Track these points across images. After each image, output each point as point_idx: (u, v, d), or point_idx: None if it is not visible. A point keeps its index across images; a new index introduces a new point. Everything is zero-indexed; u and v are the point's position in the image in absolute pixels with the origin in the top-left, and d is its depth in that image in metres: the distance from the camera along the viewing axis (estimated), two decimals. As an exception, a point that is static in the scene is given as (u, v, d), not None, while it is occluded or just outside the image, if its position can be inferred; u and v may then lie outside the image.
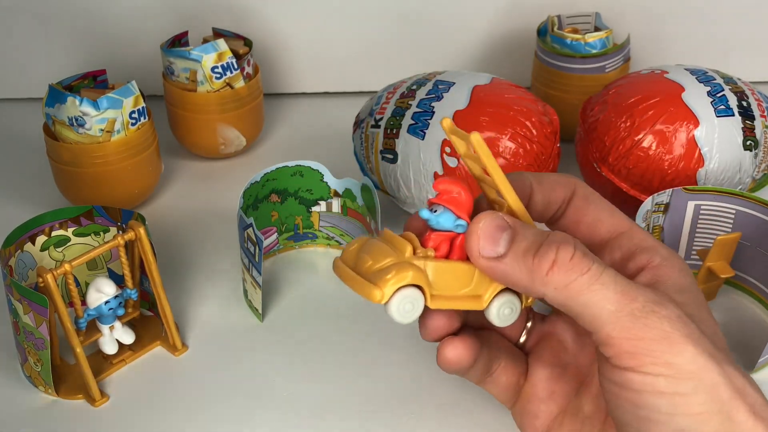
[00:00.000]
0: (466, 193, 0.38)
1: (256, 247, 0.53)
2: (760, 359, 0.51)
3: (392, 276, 0.36)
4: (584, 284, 0.36)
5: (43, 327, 0.49)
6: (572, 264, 0.36)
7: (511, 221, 0.38)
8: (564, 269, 0.36)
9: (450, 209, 0.38)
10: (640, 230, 0.41)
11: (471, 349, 0.41)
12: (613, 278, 0.36)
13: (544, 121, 0.61)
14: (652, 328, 0.35)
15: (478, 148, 0.37)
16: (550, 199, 0.42)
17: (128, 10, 0.80)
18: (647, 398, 0.35)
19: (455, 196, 0.38)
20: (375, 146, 0.63)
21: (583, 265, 0.36)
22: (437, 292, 0.38)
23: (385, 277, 0.36)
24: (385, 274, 0.36)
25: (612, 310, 0.35)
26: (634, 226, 0.41)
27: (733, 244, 0.54)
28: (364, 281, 0.37)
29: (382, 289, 0.36)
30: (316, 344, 0.56)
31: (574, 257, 0.36)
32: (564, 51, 0.71)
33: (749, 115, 0.60)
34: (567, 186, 0.42)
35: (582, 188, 0.43)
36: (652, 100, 0.60)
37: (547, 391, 0.43)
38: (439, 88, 0.62)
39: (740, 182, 0.61)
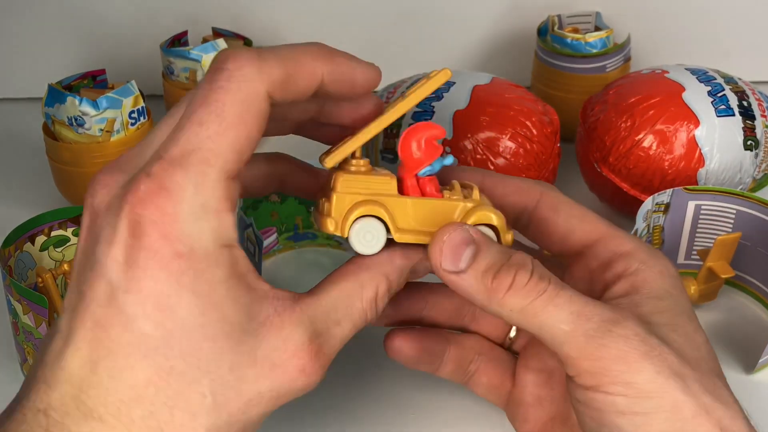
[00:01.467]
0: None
1: (256, 247, 0.53)
2: (761, 359, 0.51)
3: (350, 211, 0.38)
4: (539, 306, 0.35)
5: (42, 327, 0.49)
6: (528, 287, 0.36)
7: (477, 235, 0.37)
8: (519, 293, 0.36)
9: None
10: (617, 234, 0.40)
11: (414, 342, 0.43)
12: (569, 299, 0.36)
13: (544, 121, 0.61)
14: (608, 348, 0.34)
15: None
16: (502, 205, 0.41)
17: (128, 10, 0.80)
18: (609, 417, 0.34)
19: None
20: (375, 146, 0.63)
21: (539, 287, 0.36)
22: (401, 229, 0.38)
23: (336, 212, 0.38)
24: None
25: (567, 330, 0.35)
26: (611, 231, 0.40)
27: (734, 244, 0.54)
28: (323, 216, 0.38)
29: (336, 220, 0.38)
30: (316, 344, 0.55)
31: (530, 281, 0.36)
32: (564, 51, 0.71)
33: (750, 115, 0.60)
34: (527, 194, 0.41)
35: (549, 197, 0.41)
36: (653, 99, 0.60)
37: (533, 396, 0.43)
38: (439, 87, 0.62)
39: (741, 182, 0.60)
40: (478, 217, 0.38)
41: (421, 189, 0.39)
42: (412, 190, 0.39)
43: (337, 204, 0.38)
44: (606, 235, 0.40)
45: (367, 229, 0.38)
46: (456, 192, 0.39)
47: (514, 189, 0.42)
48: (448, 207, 0.38)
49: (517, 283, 0.36)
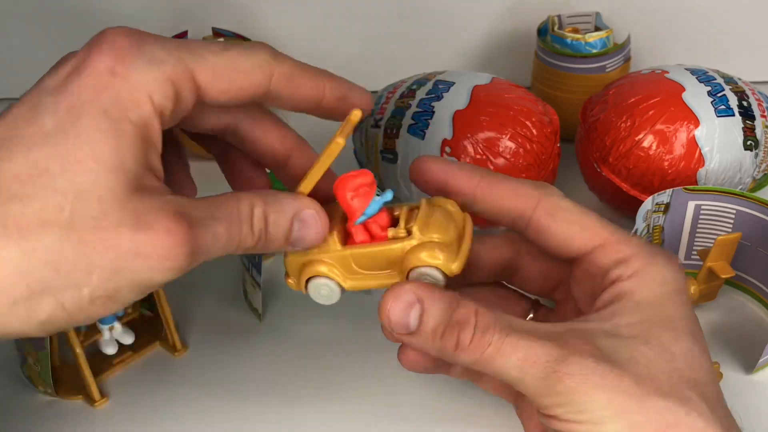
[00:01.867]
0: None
1: (256, 247, 0.53)
2: (761, 359, 0.51)
3: (302, 272, 0.42)
4: (488, 358, 0.37)
5: (42, 327, 0.49)
6: (473, 345, 0.37)
7: (420, 292, 0.38)
8: (467, 351, 0.37)
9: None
10: (618, 240, 0.40)
11: (424, 357, 0.43)
12: (514, 346, 0.36)
13: (544, 121, 0.61)
14: (556, 387, 0.35)
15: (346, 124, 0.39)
16: (499, 204, 0.41)
17: (128, 10, 0.80)
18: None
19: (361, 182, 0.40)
20: (375, 146, 0.63)
21: (484, 342, 0.37)
22: (353, 279, 0.41)
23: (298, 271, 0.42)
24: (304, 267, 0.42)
25: (517, 376, 0.36)
26: (612, 236, 0.40)
27: (734, 244, 0.54)
28: (288, 273, 0.43)
29: (297, 281, 0.42)
30: (316, 344, 0.56)
31: (474, 338, 0.37)
32: (564, 51, 0.71)
33: (750, 115, 0.60)
34: (525, 199, 0.41)
35: (548, 202, 0.40)
36: (653, 99, 0.60)
37: None
38: (439, 88, 0.62)
39: (740, 182, 0.60)
40: (417, 260, 0.40)
41: (369, 233, 0.41)
42: (356, 238, 0.41)
43: (290, 267, 0.42)
44: (606, 242, 0.40)
45: (321, 286, 0.42)
46: (401, 228, 0.40)
47: (511, 193, 0.41)
48: (388, 252, 0.40)
49: (462, 342, 0.37)
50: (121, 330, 0.54)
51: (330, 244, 0.41)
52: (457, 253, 0.40)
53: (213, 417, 0.51)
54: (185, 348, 0.55)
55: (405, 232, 0.40)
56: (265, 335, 0.56)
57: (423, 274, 0.40)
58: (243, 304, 0.59)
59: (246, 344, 0.56)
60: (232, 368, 0.54)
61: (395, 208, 0.42)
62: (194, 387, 0.53)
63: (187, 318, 0.58)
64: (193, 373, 0.54)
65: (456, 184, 0.42)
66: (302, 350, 0.55)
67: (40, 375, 0.51)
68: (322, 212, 0.39)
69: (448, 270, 0.40)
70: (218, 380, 0.53)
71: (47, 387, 0.51)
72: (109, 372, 0.54)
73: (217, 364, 0.54)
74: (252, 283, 0.56)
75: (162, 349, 0.56)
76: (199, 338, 0.56)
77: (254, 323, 0.57)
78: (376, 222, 0.41)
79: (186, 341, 0.56)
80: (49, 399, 0.52)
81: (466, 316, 0.37)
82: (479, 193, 0.41)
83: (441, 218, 0.41)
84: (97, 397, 0.52)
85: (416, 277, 0.40)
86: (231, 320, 0.58)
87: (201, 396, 0.52)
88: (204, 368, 0.54)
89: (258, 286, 0.55)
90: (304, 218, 0.39)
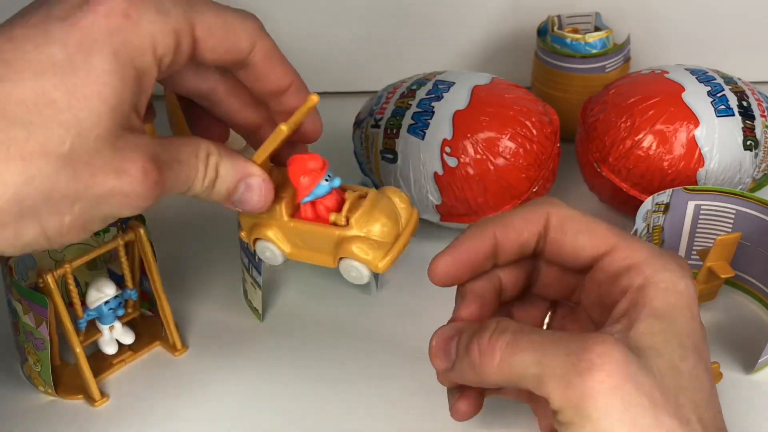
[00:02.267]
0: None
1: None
2: (760, 359, 0.51)
3: (252, 230, 0.46)
4: (507, 357, 0.36)
5: (42, 327, 0.49)
6: (490, 345, 0.37)
7: (458, 327, 0.40)
8: (487, 353, 0.37)
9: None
10: (625, 246, 0.39)
11: (476, 403, 0.44)
12: (531, 342, 0.36)
13: (544, 121, 0.61)
14: (574, 385, 0.34)
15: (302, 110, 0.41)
16: (520, 242, 0.41)
17: (128, 10, 0.80)
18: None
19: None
20: (375, 146, 0.63)
21: (501, 340, 0.37)
22: (293, 248, 0.46)
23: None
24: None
25: (536, 373, 0.35)
26: (619, 243, 0.39)
27: (734, 244, 0.54)
28: (241, 227, 0.47)
29: (247, 237, 0.47)
30: (316, 344, 0.56)
31: (491, 338, 0.37)
32: (564, 51, 0.71)
33: (749, 115, 0.60)
34: (536, 222, 0.41)
35: (556, 216, 0.41)
36: (653, 100, 0.60)
37: None
38: (439, 88, 0.62)
39: (740, 182, 0.60)
40: (348, 252, 0.43)
41: (315, 212, 0.44)
42: (302, 214, 0.44)
43: (243, 222, 0.47)
44: (615, 247, 0.39)
45: (265, 248, 0.46)
46: (341, 215, 0.43)
47: (521, 225, 0.41)
48: (325, 234, 0.44)
49: (481, 344, 0.38)
50: (121, 330, 0.54)
51: (277, 212, 0.44)
52: (388, 251, 0.43)
53: (213, 417, 0.51)
54: (185, 348, 0.55)
55: (344, 220, 0.43)
56: (265, 335, 0.56)
57: (350, 266, 0.44)
58: (243, 304, 0.59)
59: (246, 344, 0.56)
60: (232, 368, 0.54)
61: (347, 192, 0.44)
62: (194, 387, 0.53)
63: (187, 318, 0.58)
64: (193, 373, 0.54)
65: (474, 268, 0.42)
66: (302, 350, 0.55)
67: (41, 374, 0.51)
68: (268, 183, 0.42)
69: (375, 267, 0.43)
70: (218, 380, 0.53)
71: (47, 386, 0.51)
72: (109, 372, 0.54)
73: (217, 364, 0.54)
74: (252, 283, 0.56)
75: (162, 349, 0.56)
76: (199, 338, 0.56)
77: (254, 323, 0.57)
78: (323, 203, 0.44)
79: (186, 341, 0.56)
80: (49, 399, 0.52)
81: (486, 323, 0.38)
82: (501, 250, 0.42)
83: (384, 212, 0.44)
84: (97, 397, 0.52)
85: (345, 267, 0.44)
86: (231, 320, 0.58)
87: (201, 396, 0.52)
88: (204, 368, 0.54)
89: (258, 286, 0.55)
90: (249, 183, 0.42)
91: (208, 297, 0.60)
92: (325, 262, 0.45)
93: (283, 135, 0.41)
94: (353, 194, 0.44)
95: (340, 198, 0.44)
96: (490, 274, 0.43)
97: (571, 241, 0.40)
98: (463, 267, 0.42)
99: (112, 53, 0.34)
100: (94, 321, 0.53)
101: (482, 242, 0.41)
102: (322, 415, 0.51)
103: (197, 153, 0.39)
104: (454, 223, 0.62)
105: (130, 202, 0.35)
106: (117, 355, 0.54)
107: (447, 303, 0.58)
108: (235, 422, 0.50)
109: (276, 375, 0.53)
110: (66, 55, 0.33)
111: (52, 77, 0.33)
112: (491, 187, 0.59)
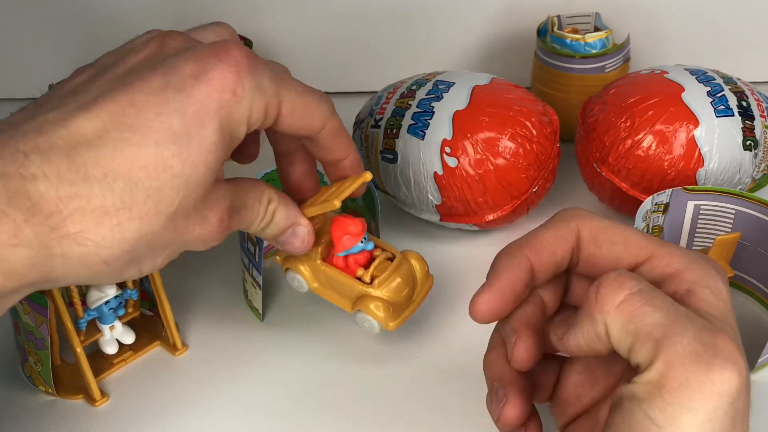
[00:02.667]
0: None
1: (256, 247, 0.53)
2: (760, 359, 0.51)
3: (286, 260, 0.53)
4: (636, 307, 0.34)
5: (43, 327, 0.49)
6: (618, 282, 0.35)
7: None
8: (616, 293, 0.35)
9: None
10: (663, 253, 0.38)
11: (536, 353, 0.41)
12: (662, 301, 0.34)
13: (544, 121, 0.61)
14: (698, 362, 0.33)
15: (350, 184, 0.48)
16: (555, 261, 0.40)
17: (128, 10, 0.80)
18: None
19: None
20: (375, 146, 0.63)
21: (631, 284, 0.35)
22: (319, 285, 0.52)
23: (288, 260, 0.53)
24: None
25: (656, 337, 0.33)
26: (657, 250, 0.38)
27: (733, 244, 0.54)
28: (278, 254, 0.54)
29: (282, 264, 0.54)
30: (316, 344, 0.56)
31: (627, 282, 0.35)
32: (564, 51, 0.71)
33: (749, 115, 0.60)
34: (568, 238, 0.40)
35: (587, 229, 0.40)
36: (652, 100, 0.60)
37: (574, 395, 0.42)
38: (439, 88, 0.62)
39: (740, 182, 0.61)
40: (365, 307, 0.50)
41: (345, 262, 0.51)
42: (334, 261, 0.51)
43: (279, 252, 0.54)
44: (652, 255, 0.38)
45: (294, 278, 0.53)
46: (368, 273, 0.50)
47: (553, 243, 0.40)
48: (350, 286, 0.51)
49: (617, 285, 0.35)
50: (121, 329, 0.54)
51: (313, 253, 0.51)
52: (401, 314, 0.50)
53: (213, 416, 0.51)
54: (185, 347, 0.55)
55: (369, 278, 0.50)
56: (265, 335, 0.57)
57: (365, 319, 0.51)
58: (243, 304, 0.59)
59: (246, 344, 0.56)
60: (232, 368, 0.54)
61: (378, 250, 0.51)
62: (194, 387, 0.53)
63: (188, 318, 0.58)
64: (194, 373, 0.54)
65: (516, 300, 0.41)
66: (302, 350, 0.55)
67: (41, 374, 0.51)
68: (311, 235, 0.48)
69: (386, 326, 0.50)
70: (218, 380, 0.53)
71: (48, 386, 0.51)
72: (110, 371, 0.54)
73: (217, 364, 0.54)
74: (252, 283, 0.56)
75: (162, 348, 0.56)
76: (199, 338, 0.56)
77: (254, 323, 0.58)
78: (354, 257, 0.51)
79: (186, 341, 0.56)
80: (50, 398, 0.52)
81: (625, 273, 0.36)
82: (537, 273, 0.40)
83: (404, 278, 0.51)
84: (98, 397, 0.52)
85: (360, 318, 0.51)
86: (231, 320, 0.58)
87: (201, 396, 0.52)
88: (204, 368, 0.54)
89: (258, 286, 0.55)
90: (296, 231, 0.47)
91: (208, 297, 0.60)
92: (344, 306, 0.52)
93: (334, 208, 0.47)
94: (382, 254, 0.51)
95: (369, 254, 0.51)
96: (533, 298, 0.41)
97: (607, 253, 0.39)
98: (506, 301, 0.40)
99: (219, 125, 0.38)
100: (94, 321, 0.53)
101: (519, 271, 0.40)
102: (322, 414, 0.51)
103: (260, 199, 0.45)
104: (454, 222, 0.62)
105: (204, 244, 0.41)
106: (117, 355, 0.54)
107: (442, 298, 0.58)
108: (235, 422, 0.50)
109: (276, 375, 0.53)
110: (183, 126, 0.37)
111: (171, 146, 0.37)
112: (491, 187, 0.59)
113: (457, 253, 0.63)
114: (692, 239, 0.57)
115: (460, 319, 0.56)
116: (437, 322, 0.57)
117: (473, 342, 0.46)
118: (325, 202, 0.48)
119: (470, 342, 0.48)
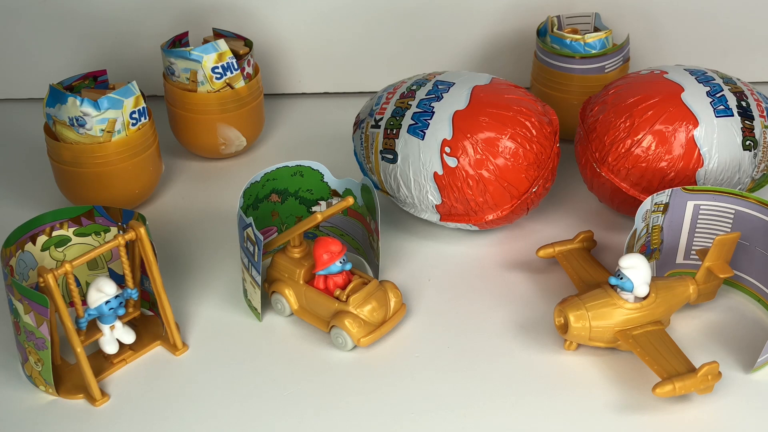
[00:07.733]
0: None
1: (256, 246, 0.53)
2: (760, 359, 0.51)
3: (273, 282, 0.58)
4: None
5: (43, 327, 0.49)
6: None
7: None
8: None
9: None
10: None
11: None
12: None
13: (544, 121, 0.61)
14: None
15: None
16: None
17: (129, 11, 0.80)
18: None
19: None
20: (375, 146, 0.63)
21: None
22: (300, 308, 0.57)
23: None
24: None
25: None
26: None
27: (733, 244, 0.54)
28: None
29: (267, 289, 0.58)
30: (315, 343, 0.56)
31: None
32: (564, 51, 0.71)
33: (748, 116, 0.60)
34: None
35: None
36: (652, 100, 0.60)
37: None
38: (439, 88, 0.62)
39: (739, 182, 0.61)
40: (340, 322, 0.53)
41: (325, 284, 0.55)
42: (315, 283, 0.56)
43: (268, 276, 0.58)
44: None
45: (278, 300, 0.57)
46: (344, 292, 0.54)
47: None
48: (327, 304, 0.55)
49: None
50: (121, 329, 0.54)
51: (296, 275, 0.56)
52: (372, 331, 0.54)
53: (213, 416, 0.51)
54: (185, 347, 0.55)
55: (345, 297, 0.54)
56: (265, 335, 0.57)
57: (339, 334, 0.54)
58: (243, 304, 0.59)
59: (246, 344, 0.56)
60: (232, 368, 0.54)
61: (354, 276, 0.56)
62: (194, 386, 0.53)
63: (188, 318, 0.58)
64: (193, 373, 0.54)
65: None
66: (302, 349, 0.55)
67: (41, 374, 0.51)
68: None
69: (357, 341, 0.53)
70: (218, 380, 0.53)
71: (48, 386, 0.51)
72: (110, 371, 0.54)
73: (217, 364, 0.54)
74: (251, 283, 0.56)
75: (162, 348, 0.56)
76: (200, 338, 0.56)
77: (254, 323, 0.58)
78: (333, 279, 0.55)
79: (186, 341, 0.56)
80: (50, 398, 0.52)
81: None
82: None
83: (377, 299, 0.54)
84: (98, 396, 0.52)
85: (334, 333, 0.54)
86: (231, 320, 0.58)
87: (201, 395, 0.52)
88: (204, 368, 0.54)
89: (257, 286, 0.55)
90: None
91: (208, 297, 0.60)
92: (320, 326, 0.55)
93: (317, 221, 0.53)
94: (358, 279, 0.55)
95: (348, 279, 0.55)
96: None
97: None
98: None
99: None
100: (94, 320, 0.53)
101: None
102: (322, 414, 0.51)
103: None
104: (454, 222, 0.62)
105: None
106: (118, 355, 0.54)
107: (442, 298, 0.58)
108: (235, 421, 0.50)
109: (275, 374, 0.53)
110: None
111: None
112: (491, 187, 0.59)
113: (457, 253, 0.63)
114: (692, 239, 0.57)
115: (461, 319, 0.56)
116: (438, 322, 0.57)
117: (473, 341, 0.46)
118: (306, 220, 0.54)
119: (470, 341, 0.48)
